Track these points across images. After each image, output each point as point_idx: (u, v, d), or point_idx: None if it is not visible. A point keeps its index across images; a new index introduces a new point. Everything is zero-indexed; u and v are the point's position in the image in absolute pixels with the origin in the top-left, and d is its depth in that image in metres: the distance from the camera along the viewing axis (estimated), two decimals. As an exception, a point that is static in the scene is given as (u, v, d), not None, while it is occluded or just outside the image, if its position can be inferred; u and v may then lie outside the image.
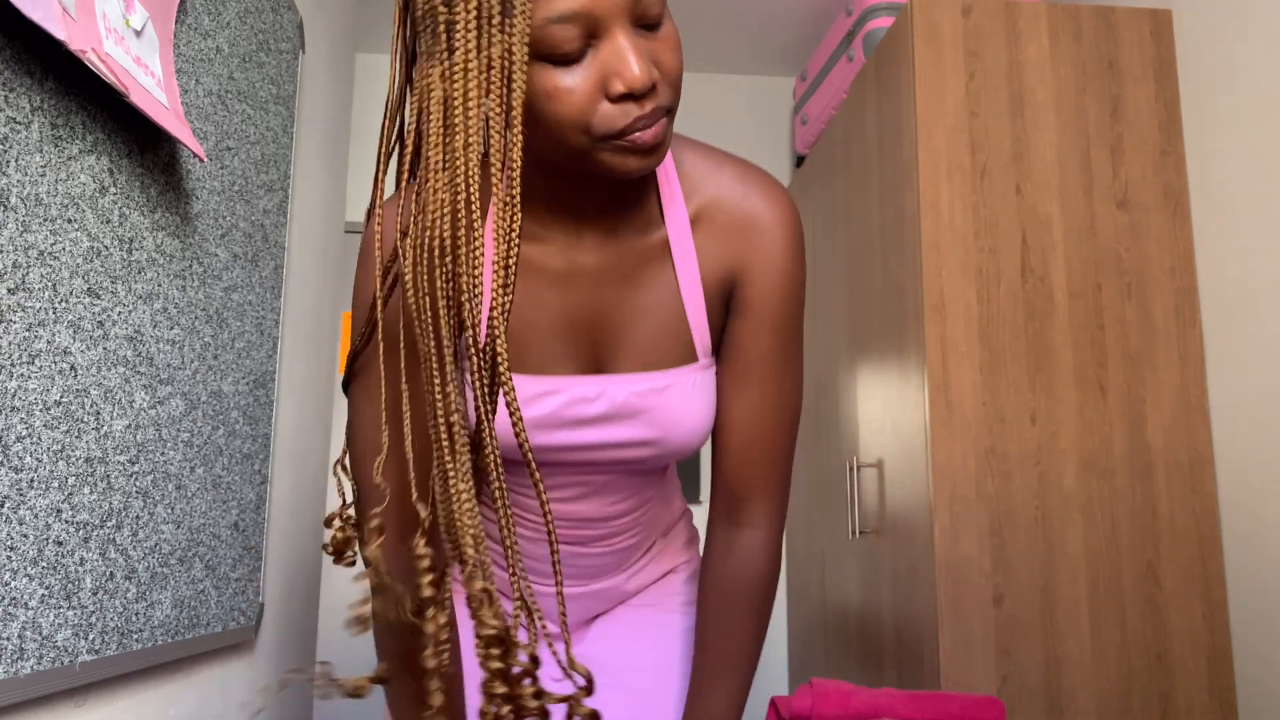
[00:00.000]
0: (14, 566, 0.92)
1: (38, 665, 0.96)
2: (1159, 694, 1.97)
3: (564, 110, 0.71)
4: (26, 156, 0.94)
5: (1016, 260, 2.13)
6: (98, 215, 1.07)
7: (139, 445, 1.17)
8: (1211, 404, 2.11)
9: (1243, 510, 2.01)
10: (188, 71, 1.29)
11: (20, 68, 0.93)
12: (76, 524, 1.03)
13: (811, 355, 2.89)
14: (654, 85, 0.72)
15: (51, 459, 0.98)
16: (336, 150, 2.24)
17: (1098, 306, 2.13)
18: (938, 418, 2.04)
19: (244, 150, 1.51)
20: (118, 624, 1.12)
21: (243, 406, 1.51)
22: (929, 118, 2.17)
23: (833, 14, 3.32)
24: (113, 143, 1.10)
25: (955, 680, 1.95)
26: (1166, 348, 2.13)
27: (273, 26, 1.65)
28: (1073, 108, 2.21)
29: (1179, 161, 2.20)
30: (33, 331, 0.95)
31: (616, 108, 0.72)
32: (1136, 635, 2.00)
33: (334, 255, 2.22)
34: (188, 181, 1.31)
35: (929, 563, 2.01)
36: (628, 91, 0.71)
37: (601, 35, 0.71)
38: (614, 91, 0.71)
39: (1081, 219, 2.16)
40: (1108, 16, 2.25)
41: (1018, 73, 2.21)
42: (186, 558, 1.31)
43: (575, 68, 0.71)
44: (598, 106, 0.72)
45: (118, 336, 1.12)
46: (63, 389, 1.00)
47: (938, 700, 1.71)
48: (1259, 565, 1.96)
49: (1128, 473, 2.07)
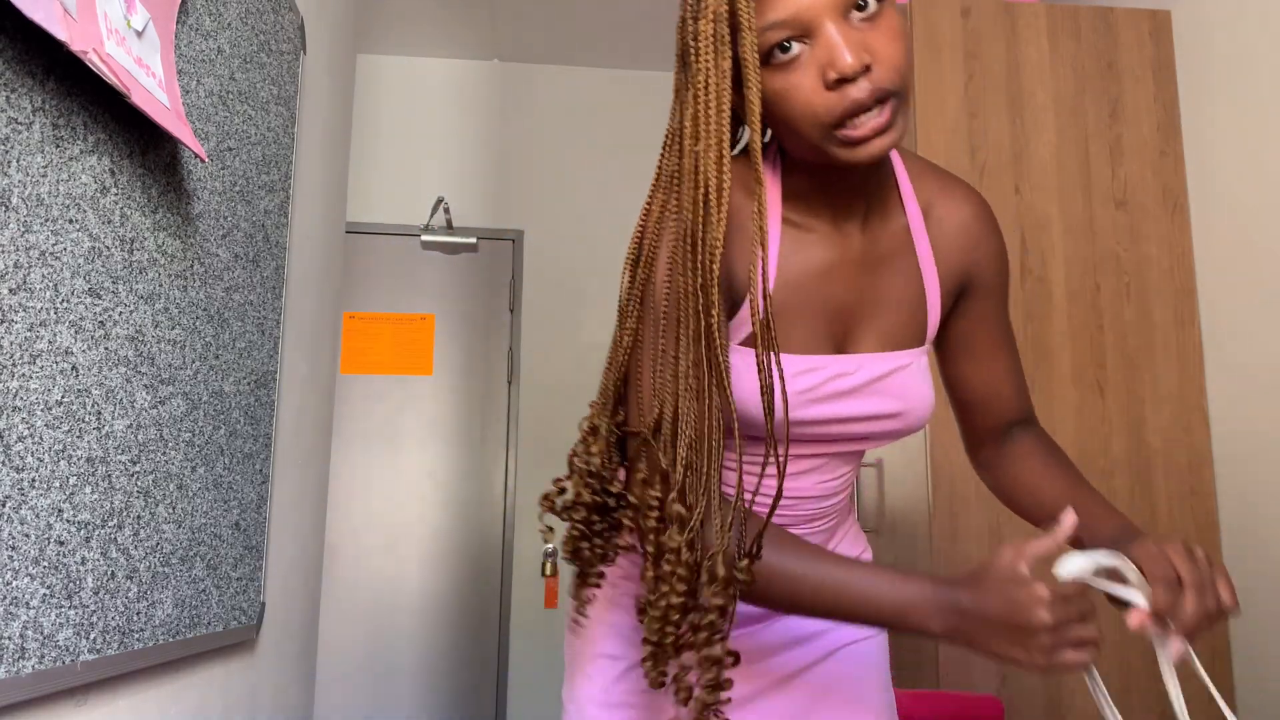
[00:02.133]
0: (16, 566, 0.92)
1: (39, 664, 0.96)
2: (1158, 694, 1.97)
3: (794, 105, 0.81)
4: (28, 157, 0.94)
5: (1015, 260, 2.14)
6: (99, 215, 1.07)
7: (140, 445, 1.17)
8: (1210, 404, 2.11)
9: (1241, 510, 2.01)
10: (189, 72, 1.30)
11: (22, 68, 0.93)
12: (78, 523, 1.03)
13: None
14: (867, 68, 0.79)
15: (53, 459, 0.99)
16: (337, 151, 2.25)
17: (1096, 306, 2.13)
18: (937, 418, 2.05)
19: (245, 151, 1.52)
20: (119, 623, 1.12)
21: (244, 406, 1.52)
22: (928, 118, 2.17)
23: (832, 14, 3.32)
24: (114, 143, 1.10)
25: (955, 680, 1.96)
26: (1165, 348, 2.13)
27: (274, 27, 1.65)
28: (1071, 108, 2.21)
29: (1178, 162, 2.21)
30: (34, 331, 0.95)
31: (835, 94, 0.79)
32: (1135, 634, 2.00)
33: (335, 255, 2.23)
34: (189, 182, 1.31)
35: (928, 562, 2.02)
36: (840, 77, 0.78)
37: (815, 33, 0.80)
38: (829, 79, 0.79)
39: (1080, 219, 2.17)
40: (1107, 17, 2.25)
41: (1017, 73, 2.21)
42: (188, 557, 1.31)
43: (799, 67, 0.80)
44: (821, 98, 0.80)
45: (119, 336, 1.12)
46: (64, 389, 1.01)
47: (937, 699, 1.71)
48: (1257, 565, 1.96)
49: (1126, 472, 2.07)
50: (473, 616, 3.47)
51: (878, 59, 0.79)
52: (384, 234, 3.70)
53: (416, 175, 3.77)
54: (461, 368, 3.63)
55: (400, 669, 3.41)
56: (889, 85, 0.79)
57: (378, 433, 3.55)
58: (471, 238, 3.70)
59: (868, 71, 0.79)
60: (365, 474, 3.52)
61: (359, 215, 3.71)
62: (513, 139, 3.84)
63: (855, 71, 0.78)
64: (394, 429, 3.56)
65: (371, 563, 3.46)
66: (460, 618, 3.47)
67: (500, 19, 3.58)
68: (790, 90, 0.81)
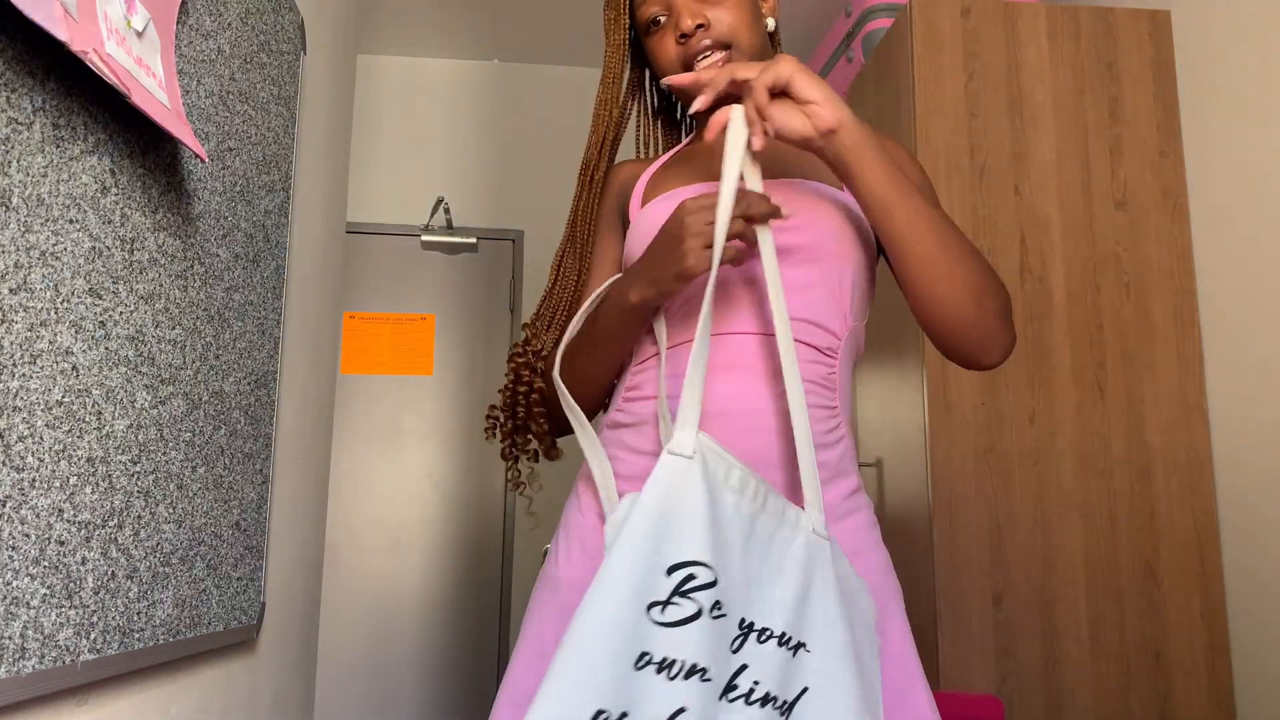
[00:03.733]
0: (16, 566, 0.92)
1: (39, 664, 0.96)
2: (1158, 693, 1.98)
3: (662, 57, 1.14)
4: (28, 157, 0.94)
5: (1015, 260, 2.14)
6: (99, 216, 1.08)
7: (141, 445, 1.17)
8: (1210, 404, 2.11)
9: (1241, 509, 2.01)
10: (189, 72, 1.30)
11: (22, 68, 0.93)
12: (78, 523, 1.03)
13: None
14: (701, 26, 1.09)
15: (53, 459, 0.99)
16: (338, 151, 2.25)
17: (1096, 306, 2.13)
18: (936, 418, 2.05)
19: (245, 151, 1.52)
20: (119, 623, 1.12)
21: (244, 406, 1.52)
22: (928, 118, 2.17)
23: (832, 15, 3.32)
24: (114, 143, 1.11)
25: (955, 680, 1.96)
26: (1165, 348, 2.13)
27: (274, 27, 1.65)
28: (1071, 108, 2.21)
29: (1177, 162, 2.21)
30: (34, 331, 0.96)
31: (683, 46, 1.11)
32: (1135, 634, 2.00)
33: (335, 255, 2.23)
34: (189, 182, 1.31)
35: (928, 562, 2.02)
36: (681, 33, 1.10)
37: (673, 9, 1.12)
38: (677, 36, 1.11)
39: (1080, 219, 2.17)
40: (1106, 17, 2.25)
41: (1016, 74, 2.21)
42: (188, 557, 1.31)
43: (664, 32, 1.13)
44: (675, 49, 1.12)
45: (119, 336, 1.12)
46: (64, 389, 1.01)
47: (937, 699, 1.71)
48: (1257, 564, 1.96)
49: (1126, 472, 2.07)
50: (472, 617, 3.47)
51: (713, 21, 1.09)
52: (384, 234, 3.70)
53: (416, 175, 3.77)
54: (462, 368, 3.63)
55: (400, 669, 3.41)
56: (720, 38, 1.09)
57: (378, 433, 3.55)
58: (471, 238, 3.70)
59: (704, 29, 1.09)
60: (365, 474, 3.52)
61: (359, 215, 3.71)
62: (513, 139, 3.84)
63: (690, 30, 1.09)
64: (394, 429, 3.56)
65: (371, 563, 3.46)
66: (460, 618, 3.47)
67: (500, 19, 3.58)
68: (660, 47, 1.13)
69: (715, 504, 0.84)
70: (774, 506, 0.88)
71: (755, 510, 0.87)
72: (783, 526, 0.87)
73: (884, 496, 2.29)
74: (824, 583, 0.86)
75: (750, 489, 0.87)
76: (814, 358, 1.03)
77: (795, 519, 0.88)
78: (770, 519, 0.87)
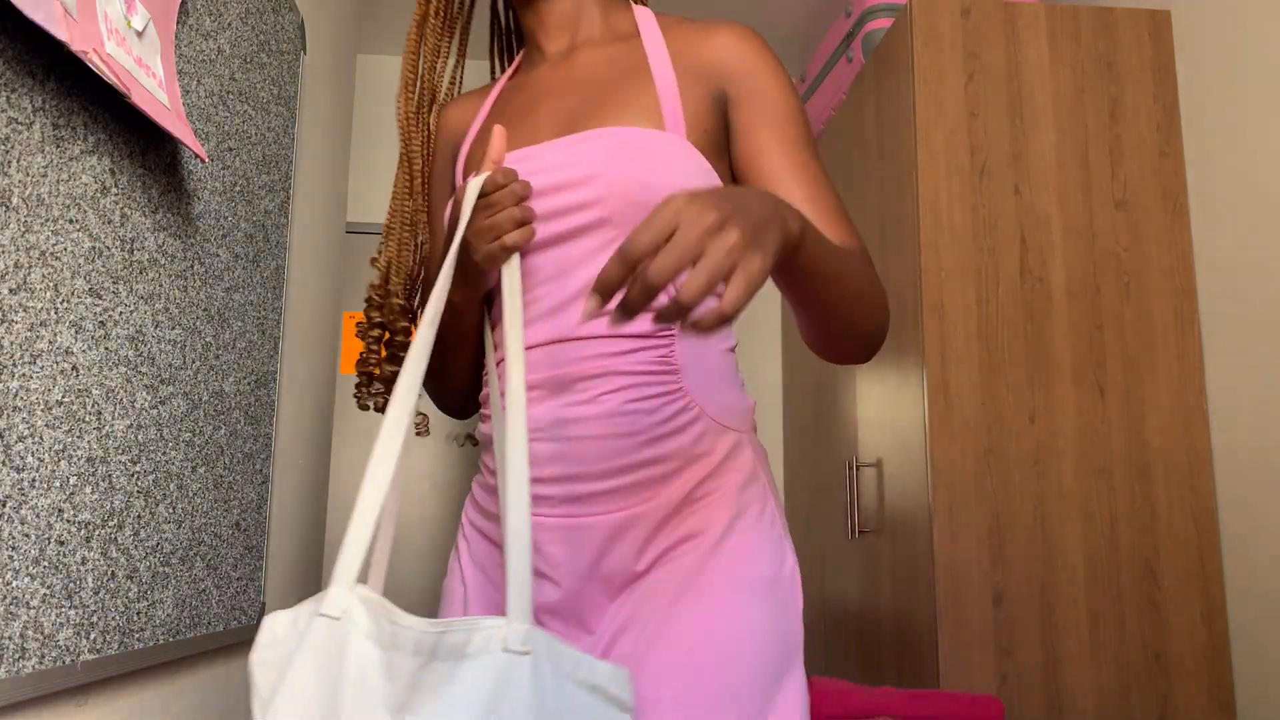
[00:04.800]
0: (16, 566, 0.92)
1: (40, 664, 0.96)
2: (1158, 693, 1.98)
3: None
4: (28, 157, 0.94)
5: (1015, 260, 2.14)
6: (99, 215, 1.08)
7: (140, 445, 1.17)
8: (1210, 404, 2.11)
9: (1241, 509, 2.02)
10: (189, 72, 1.30)
11: (22, 68, 0.93)
12: (78, 523, 1.03)
13: (810, 355, 2.90)
14: None
15: (53, 459, 0.99)
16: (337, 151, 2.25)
17: (1096, 307, 2.13)
18: (937, 417, 2.05)
19: (245, 151, 1.52)
20: (119, 623, 1.12)
21: (244, 406, 1.52)
22: (928, 118, 2.17)
23: (832, 15, 3.32)
24: (114, 143, 1.11)
25: (954, 679, 1.96)
26: (1165, 348, 2.13)
27: (274, 27, 1.65)
28: (1071, 108, 2.21)
29: (1178, 162, 2.21)
30: (35, 331, 0.96)
31: None
32: (1135, 634, 2.00)
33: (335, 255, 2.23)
34: (189, 182, 1.31)
35: (928, 562, 2.02)
36: None
37: None
38: None
39: (1080, 219, 2.17)
40: (1106, 17, 2.25)
41: (1017, 73, 2.21)
42: (188, 557, 1.31)
43: None
44: None
45: (119, 336, 1.12)
46: (64, 389, 1.01)
47: (937, 699, 1.71)
48: (1257, 564, 1.96)
49: (1126, 472, 2.07)
50: (473, 616, 3.47)
51: None
52: (384, 234, 3.70)
53: (416, 175, 3.77)
54: (461, 368, 3.63)
55: (400, 669, 3.41)
56: None
57: (378, 433, 3.55)
58: (471, 238, 3.70)
59: None
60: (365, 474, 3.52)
61: (359, 215, 3.71)
62: (513, 139, 3.84)
63: None
64: (394, 429, 3.56)
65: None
66: (460, 618, 3.47)
67: (500, 19, 3.58)
68: None
69: (363, 666, 0.76)
70: (452, 643, 0.76)
71: (422, 662, 0.76)
72: (463, 662, 0.75)
73: (884, 496, 2.29)
74: (515, 704, 0.73)
75: (409, 644, 0.77)
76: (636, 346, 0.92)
77: (484, 644, 0.75)
78: (445, 661, 0.76)
